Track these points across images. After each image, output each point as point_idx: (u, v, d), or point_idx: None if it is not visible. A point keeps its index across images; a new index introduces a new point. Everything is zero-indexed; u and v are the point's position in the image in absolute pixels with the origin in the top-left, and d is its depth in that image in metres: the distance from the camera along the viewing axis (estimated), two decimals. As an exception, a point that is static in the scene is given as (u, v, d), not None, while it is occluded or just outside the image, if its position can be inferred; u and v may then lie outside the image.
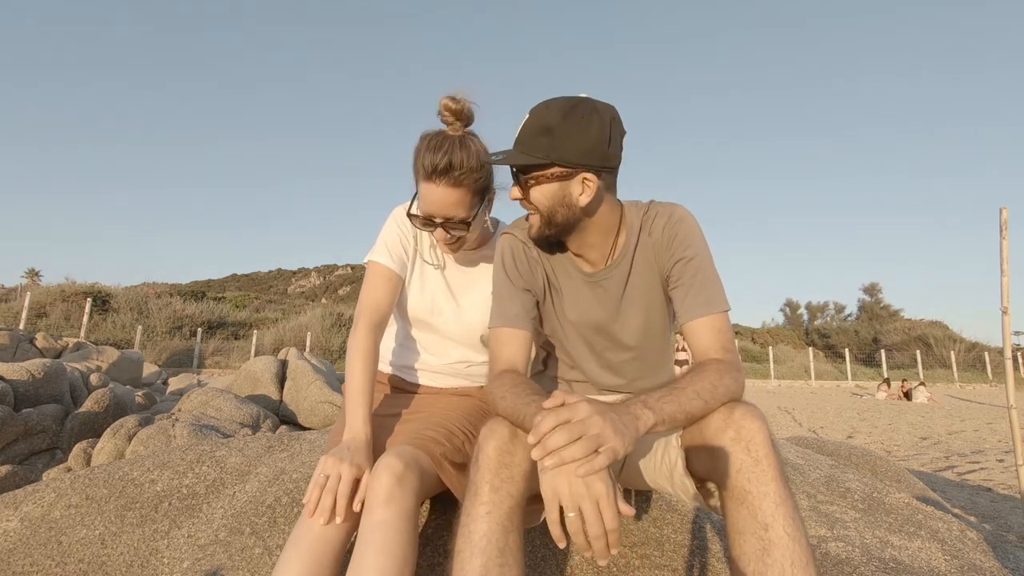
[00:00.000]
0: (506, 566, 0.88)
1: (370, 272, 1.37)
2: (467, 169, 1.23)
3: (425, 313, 1.41)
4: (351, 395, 1.22)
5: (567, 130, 1.09)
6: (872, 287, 37.85)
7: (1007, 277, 2.60)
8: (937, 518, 1.69)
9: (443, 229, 1.28)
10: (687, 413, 0.96)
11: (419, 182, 1.27)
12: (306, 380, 5.95)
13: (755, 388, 19.28)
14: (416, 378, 1.46)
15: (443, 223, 1.27)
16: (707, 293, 1.15)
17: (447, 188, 1.23)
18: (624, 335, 1.27)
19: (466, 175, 1.24)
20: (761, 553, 0.87)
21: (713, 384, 0.99)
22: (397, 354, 1.49)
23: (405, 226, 1.40)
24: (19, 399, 4.12)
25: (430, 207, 1.26)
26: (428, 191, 1.25)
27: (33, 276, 37.96)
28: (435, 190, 1.24)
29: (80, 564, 1.35)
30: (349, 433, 1.17)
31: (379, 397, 1.44)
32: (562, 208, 1.13)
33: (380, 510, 1.00)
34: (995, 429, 7.87)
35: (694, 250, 1.17)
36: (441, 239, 1.30)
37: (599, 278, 1.24)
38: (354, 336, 1.29)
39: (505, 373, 1.12)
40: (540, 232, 1.17)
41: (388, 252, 1.36)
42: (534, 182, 1.12)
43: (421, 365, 1.45)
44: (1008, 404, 2.63)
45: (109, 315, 19.11)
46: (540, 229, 1.17)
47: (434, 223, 1.28)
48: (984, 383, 22.55)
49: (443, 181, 1.23)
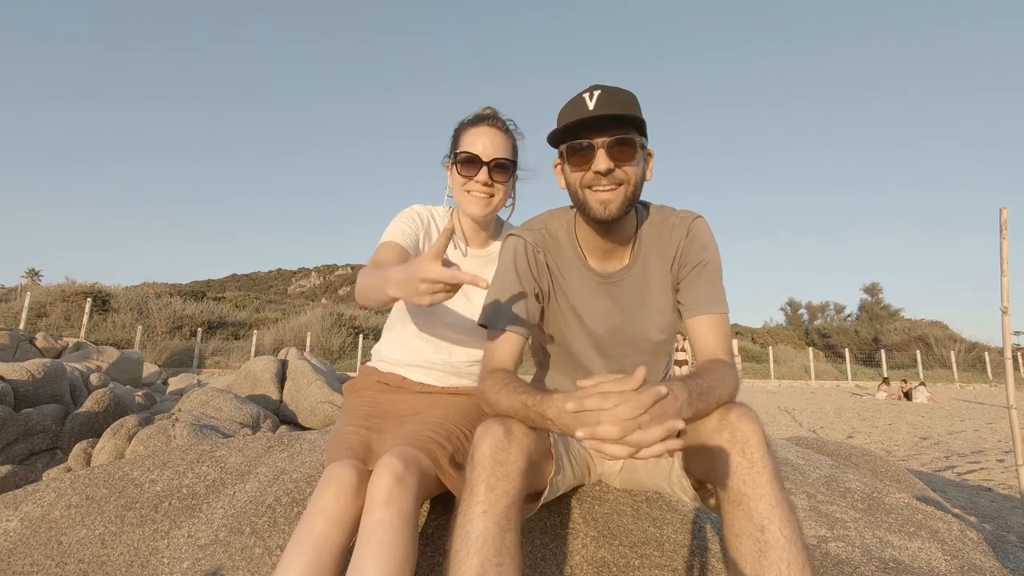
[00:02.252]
0: (503, 565, 0.87)
1: (379, 247, 1.37)
2: (507, 120, 1.43)
3: (434, 309, 1.40)
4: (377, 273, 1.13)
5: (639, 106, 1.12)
6: (872, 287, 37.87)
7: (1007, 277, 2.60)
8: (937, 518, 1.69)
9: (486, 170, 1.36)
10: (705, 413, 0.98)
11: (463, 134, 1.40)
12: (306, 380, 5.95)
13: (755, 388, 19.27)
14: (414, 375, 1.46)
15: (487, 163, 1.36)
16: (714, 294, 1.19)
17: (492, 130, 1.39)
18: (641, 338, 1.27)
19: (506, 124, 1.42)
20: (758, 555, 0.87)
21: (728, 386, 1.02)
22: (399, 353, 1.49)
23: (418, 218, 1.45)
24: (19, 399, 4.12)
25: (475, 147, 1.36)
26: (473, 135, 1.38)
27: (33, 276, 37.95)
28: (482, 132, 1.38)
29: (80, 564, 1.35)
30: (392, 270, 1.06)
31: (379, 396, 1.44)
32: (640, 183, 1.16)
33: (380, 510, 1.00)
34: (995, 429, 7.87)
35: (709, 256, 1.21)
36: (482, 181, 1.37)
37: (616, 279, 1.24)
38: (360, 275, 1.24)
39: (497, 372, 1.12)
40: (623, 206, 1.12)
41: (400, 232, 1.40)
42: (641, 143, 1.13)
43: (420, 362, 1.45)
44: (1008, 404, 2.63)
45: (109, 315, 19.10)
46: (623, 205, 1.12)
47: (479, 162, 1.36)
48: (984, 383, 22.52)
49: (488, 124, 1.39)
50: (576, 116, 1.09)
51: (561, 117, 1.14)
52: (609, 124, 1.08)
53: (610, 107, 1.06)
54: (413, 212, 1.47)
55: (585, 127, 1.10)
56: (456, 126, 1.45)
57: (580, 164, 1.12)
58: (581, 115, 1.08)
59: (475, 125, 1.40)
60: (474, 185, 1.37)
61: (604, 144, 1.09)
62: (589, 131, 1.10)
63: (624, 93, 1.11)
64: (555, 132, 1.14)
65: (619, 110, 1.07)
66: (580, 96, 1.10)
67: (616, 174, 1.10)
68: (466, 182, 1.38)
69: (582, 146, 1.11)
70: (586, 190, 1.13)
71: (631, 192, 1.12)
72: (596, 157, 1.10)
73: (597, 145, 1.09)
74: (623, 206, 1.12)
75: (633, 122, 1.10)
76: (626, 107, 1.08)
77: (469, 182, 1.37)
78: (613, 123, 1.08)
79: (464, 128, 1.42)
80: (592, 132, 1.10)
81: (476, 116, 1.43)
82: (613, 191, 1.11)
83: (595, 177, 1.11)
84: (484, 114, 1.44)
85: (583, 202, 1.15)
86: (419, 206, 1.50)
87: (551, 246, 1.26)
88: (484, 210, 1.40)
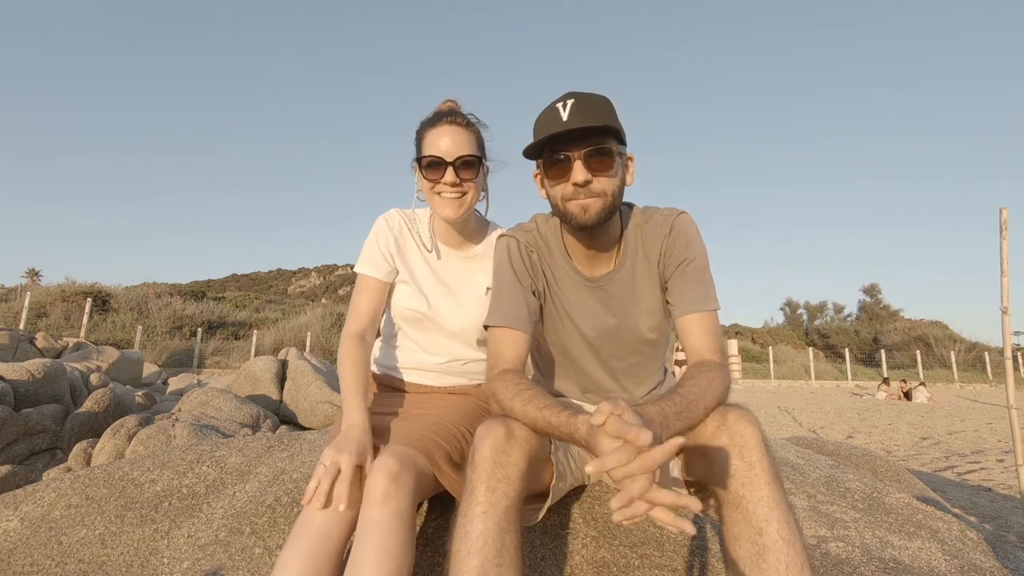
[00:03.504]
0: (503, 566, 0.87)
1: (356, 284, 1.43)
2: (467, 115, 1.38)
3: (419, 310, 1.41)
4: (345, 391, 1.26)
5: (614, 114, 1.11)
6: (872, 287, 37.89)
7: (1007, 277, 2.60)
8: (937, 518, 1.69)
9: (452, 170, 1.32)
10: (690, 428, 0.97)
11: (424, 136, 1.36)
12: (306, 380, 5.95)
13: (755, 388, 19.26)
14: (408, 377, 1.46)
15: (452, 163, 1.32)
16: (703, 291, 1.18)
17: (453, 127, 1.34)
18: (633, 339, 1.27)
19: (467, 119, 1.37)
20: (756, 558, 0.87)
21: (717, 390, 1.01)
22: (387, 354, 1.49)
23: (388, 230, 1.43)
24: (19, 399, 4.12)
25: (438, 148, 1.32)
26: (435, 136, 1.34)
27: (33, 276, 37.95)
28: (443, 131, 1.33)
29: (80, 564, 1.35)
30: (347, 422, 1.18)
31: (378, 395, 1.44)
32: (620, 191, 1.15)
33: (376, 510, 1.00)
34: (995, 429, 7.87)
35: (694, 252, 1.20)
36: (450, 183, 1.33)
37: (603, 282, 1.24)
38: (344, 344, 1.35)
39: (508, 373, 1.11)
40: (600, 216, 1.12)
41: (370, 261, 1.41)
42: (618, 154, 1.11)
43: (414, 364, 1.45)
44: (1008, 404, 2.63)
45: (109, 315, 19.10)
46: (601, 213, 1.12)
47: (444, 163, 1.32)
48: (984, 383, 22.53)
49: (448, 121, 1.34)
50: (551, 130, 1.08)
51: (536, 129, 1.13)
52: (585, 135, 1.08)
53: (584, 118, 1.06)
54: (382, 227, 1.44)
55: (560, 140, 1.09)
56: (417, 127, 1.40)
57: (558, 177, 1.13)
58: (555, 129, 1.08)
59: (435, 125, 1.34)
60: (442, 187, 1.34)
61: (580, 156, 1.09)
62: (564, 144, 1.10)
63: (598, 101, 1.10)
64: (531, 146, 1.14)
65: (593, 121, 1.06)
66: (554, 107, 1.09)
67: (593, 186, 1.10)
68: (434, 185, 1.34)
69: (559, 159, 1.11)
70: (567, 202, 1.14)
71: (610, 200, 1.12)
72: (573, 169, 1.10)
73: (573, 157, 1.10)
74: (602, 212, 1.12)
75: (609, 130, 1.09)
76: (600, 117, 1.07)
77: (437, 184, 1.34)
78: (589, 133, 1.08)
79: (424, 129, 1.37)
80: (567, 145, 1.10)
81: (435, 114, 1.38)
82: (592, 199, 1.11)
83: (574, 190, 1.11)
84: (442, 111, 1.39)
85: (564, 212, 1.15)
86: (395, 212, 1.48)
87: (543, 248, 1.27)
88: (457, 211, 1.36)
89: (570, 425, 0.91)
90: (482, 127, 1.41)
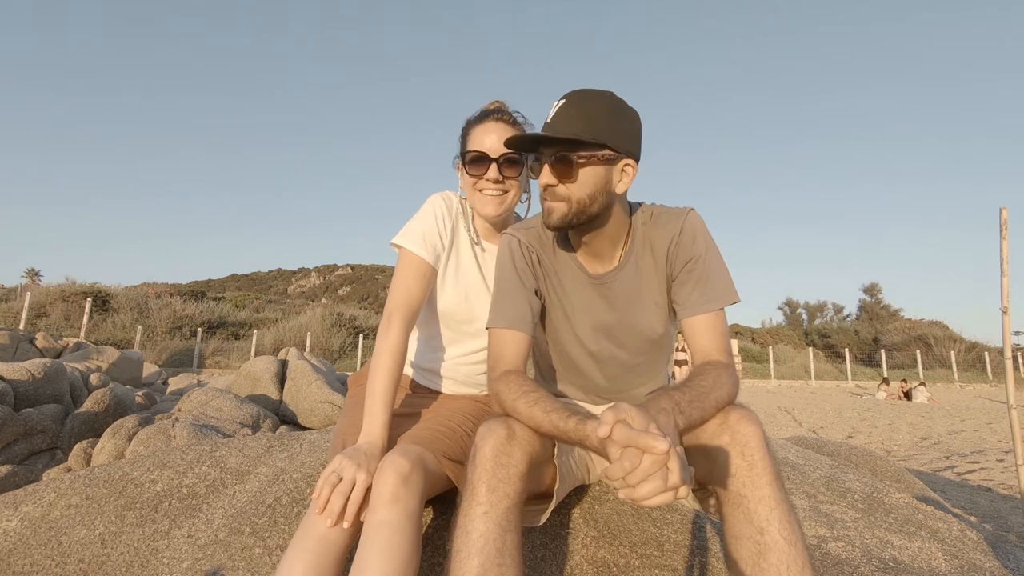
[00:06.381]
0: (504, 566, 0.87)
1: (403, 262, 1.33)
2: (514, 113, 1.39)
3: (458, 310, 1.37)
4: (374, 396, 1.18)
5: (615, 115, 1.09)
6: (872, 287, 37.89)
7: (1007, 277, 2.60)
8: (937, 518, 1.69)
9: (496, 167, 1.32)
10: (702, 420, 0.97)
11: (470, 133, 1.36)
12: (306, 380, 5.95)
13: (755, 388, 19.27)
14: (448, 388, 1.43)
15: (496, 159, 1.31)
16: (711, 290, 1.15)
17: (499, 124, 1.34)
18: (635, 338, 1.26)
19: (514, 117, 1.38)
20: (757, 557, 0.87)
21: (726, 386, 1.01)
22: (428, 358, 1.45)
23: (445, 214, 1.38)
24: (19, 399, 4.12)
25: (482, 144, 1.32)
26: (481, 132, 1.34)
27: (33, 276, 37.96)
28: (489, 128, 1.34)
29: (80, 564, 1.35)
30: (366, 437, 1.14)
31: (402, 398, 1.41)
32: (601, 195, 1.11)
33: (384, 510, 0.99)
34: (995, 429, 7.87)
35: (701, 250, 1.18)
36: (493, 180, 1.33)
37: (607, 280, 1.23)
38: (386, 334, 1.25)
39: (511, 374, 1.10)
40: (563, 220, 1.11)
41: (423, 240, 1.33)
42: (584, 162, 1.08)
43: (461, 377, 1.42)
44: (1008, 404, 2.63)
45: (109, 315, 19.12)
46: (565, 217, 1.11)
47: (488, 159, 1.32)
48: (984, 383, 22.53)
49: (494, 119, 1.35)
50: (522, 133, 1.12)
51: None
52: (556, 139, 1.07)
53: (561, 123, 1.06)
54: (441, 206, 1.38)
55: (539, 140, 1.10)
56: (463, 125, 1.40)
57: (535, 176, 1.14)
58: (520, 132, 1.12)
59: (481, 122, 1.35)
60: (485, 184, 1.32)
61: (549, 159, 1.09)
62: (544, 143, 1.10)
63: (590, 103, 1.07)
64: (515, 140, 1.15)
65: (562, 129, 1.05)
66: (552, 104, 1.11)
67: (558, 190, 1.09)
68: (476, 181, 1.33)
69: (536, 159, 1.13)
70: (541, 201, 1.15)
71: (575, 207, 1.10)
72: (542, 172, 1.11)
73: (543, 160, 1.10)
74: (566, 217, 1.11)
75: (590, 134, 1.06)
76: (575, 124, 1.05)
77: (480, 181, 1.32)
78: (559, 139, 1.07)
79: (471, 126, 1.37)
80: (545, 145, 1.10)
81: (482, 112, 1.39)
82: (557, 202, 1.11)
83: (544, 190, 1.12)
84: (490, 109, 1.39)
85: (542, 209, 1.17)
86: (452, 194, 1.43)
87: (545, 245, 1.26)
88: (498, 209, 1.34)
89: (579, 432, 0.90)
90: (529, 127, 1.39)
